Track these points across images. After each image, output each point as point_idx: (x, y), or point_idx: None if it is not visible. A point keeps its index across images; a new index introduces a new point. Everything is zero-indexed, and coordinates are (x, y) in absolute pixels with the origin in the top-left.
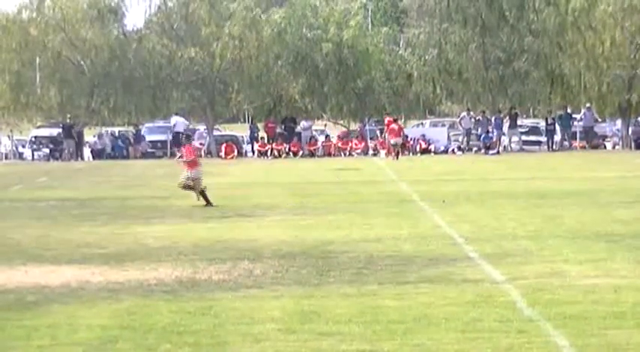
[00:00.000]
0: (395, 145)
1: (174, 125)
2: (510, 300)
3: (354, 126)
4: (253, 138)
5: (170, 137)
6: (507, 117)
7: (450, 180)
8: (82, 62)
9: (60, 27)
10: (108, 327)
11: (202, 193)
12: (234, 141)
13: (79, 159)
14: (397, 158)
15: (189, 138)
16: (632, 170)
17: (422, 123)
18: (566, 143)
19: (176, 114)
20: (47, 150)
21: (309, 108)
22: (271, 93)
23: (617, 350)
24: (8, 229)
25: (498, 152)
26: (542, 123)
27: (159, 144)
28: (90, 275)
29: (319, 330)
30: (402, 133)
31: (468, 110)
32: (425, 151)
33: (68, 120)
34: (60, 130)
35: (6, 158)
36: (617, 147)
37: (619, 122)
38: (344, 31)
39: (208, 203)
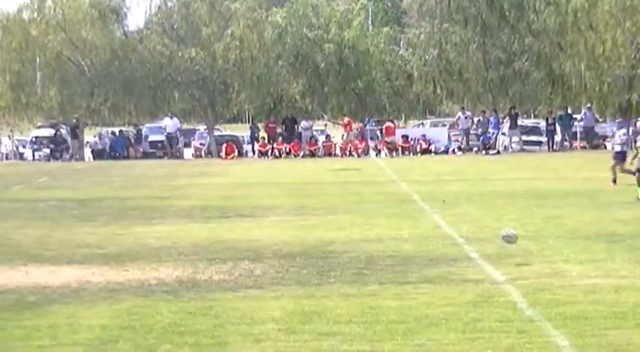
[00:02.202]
0: (390, 143)
1: (166, 126)
2: (511, 300)
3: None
4: (254, 139)
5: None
6: (508, 118)
7: (451, 180)
8: (82, 62)
9: (60, 27)
10: (108, 327)
11: None
12: (234, 142)
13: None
14: (391, 156)
15: None
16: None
17: (422, 124)
18: (566, 143)
19: (167, 115)
20: (48, 151)
21: (309, 108)
22: (272, 94)
23: (618, 350)
24: (9, 229)
25: (499, 152)
26: (542, 124)
27: (159, 145)
28: (90, 276)
29: (320, 330)
30: (394, 132)
31: (463, 109)
32: (425, 151)
33: (75, 120)
34: (53, 130)
35: (6, 158)
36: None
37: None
38: (345, 31)
39: None
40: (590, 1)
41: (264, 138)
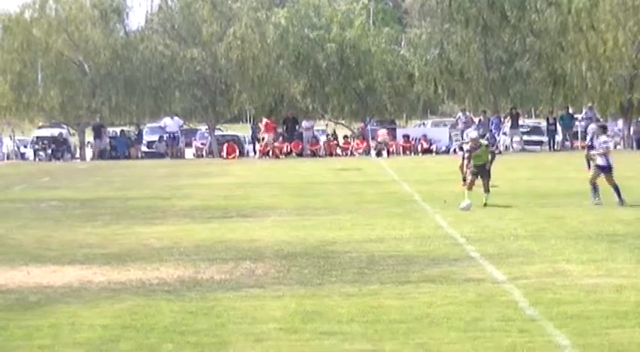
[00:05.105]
0: (383, 143)
1: (165, 126)
2: (512, 300)
3: (355, 126)
4: (255, 139)
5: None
6: (509, 117)
7: (452, 180)
8: (84, 62)
9: (62, 27)
10: (110, 327)
11: None
12: (235, 141)
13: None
14: (381, 156)
15: None
16: (634, 170)
17: (423, 124)
18: (567, 143)
19: (168, 115)
20: (49, 151)
21: (310, 108)
22: (273, 94)
23: (619, 349)
24: (10, 229)
25: (500, 152)
26: (543, 123)
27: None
28: (92, 275)
29: (321, 330)
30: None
31: (463, 110)
32: (426, 151)
33: (98, 120)
34: (56, 131)
35: (8, 158)
36: (618, 147)
37: (620, 122)
38: (346, 31)
39: None
40: (591, 0)
41: (264, 138)
